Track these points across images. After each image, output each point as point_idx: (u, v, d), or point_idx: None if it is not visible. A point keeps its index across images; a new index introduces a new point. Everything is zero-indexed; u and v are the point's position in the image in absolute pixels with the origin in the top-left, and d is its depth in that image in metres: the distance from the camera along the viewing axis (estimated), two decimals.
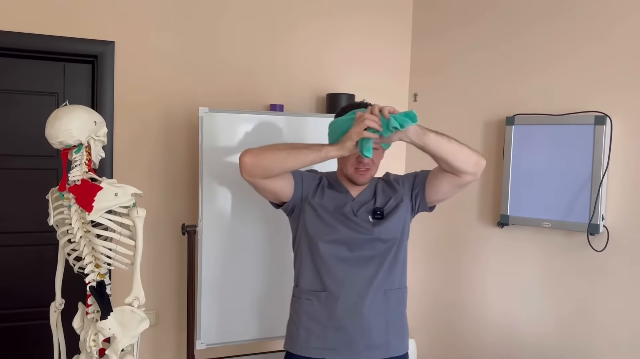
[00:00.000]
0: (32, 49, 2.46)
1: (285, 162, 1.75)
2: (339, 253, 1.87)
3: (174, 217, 2.69)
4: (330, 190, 1.94)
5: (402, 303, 1.97)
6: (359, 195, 1.94)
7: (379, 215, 1.89)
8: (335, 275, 1.86)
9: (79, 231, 1.73)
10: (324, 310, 1.87)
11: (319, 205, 1.90)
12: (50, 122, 1.72)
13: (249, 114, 2.51)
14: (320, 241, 1.88)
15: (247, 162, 1.76)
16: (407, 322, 2.00)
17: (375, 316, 1.87)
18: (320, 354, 1.88)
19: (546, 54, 2.54)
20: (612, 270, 2.30)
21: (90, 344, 1.76)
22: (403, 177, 1.99)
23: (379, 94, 3.12)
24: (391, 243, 1.90)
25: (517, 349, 2.64)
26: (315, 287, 1.90)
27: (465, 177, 1.78)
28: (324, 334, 1.87)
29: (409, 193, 1.93)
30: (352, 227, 1.87)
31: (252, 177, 1.79)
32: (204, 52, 2.73)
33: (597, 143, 2.31)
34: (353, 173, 1.88)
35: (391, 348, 1.90)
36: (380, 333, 1.88)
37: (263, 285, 2.53)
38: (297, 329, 1.92)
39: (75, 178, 1.73)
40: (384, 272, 1.88)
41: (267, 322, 2.54)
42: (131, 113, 2.60)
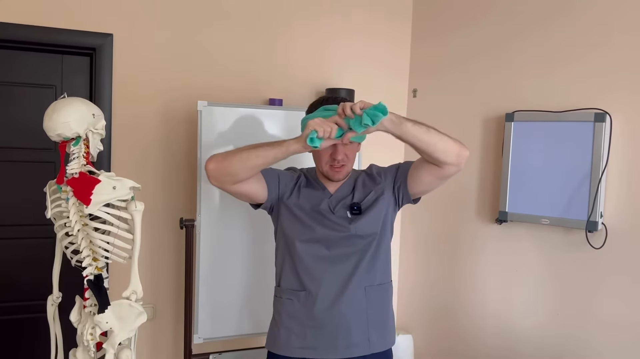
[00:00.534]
0: (30, 40, 2.45)
1: (247, 162, 1.70)
2: (317, 252, 1.85)
3: (172, 211, 2.68)
4: (307, 188, 1.92)
5: (385, 299, 1.93)
6: (337, 190, 1.91)
7: (357, 210, 1.86)
8: (313, 273, 1.85)
9: (76, 225, 1.72)
10: (304, 309, 1.86)
11: (295, 204, 1.89)
12: (49, 114, 1.71)
13: (248, 108, 2.50)
14: (297, 240, 1.86)
15: (211, 168, 1.74)
16: (393, 318, 1.98)
17: (354, 314, 1.85)
18: (301, 354, 1.86)
19: (546, 50, 2.53)
20: (610, 267, 2.30)
21: (87, 337, 1.76)
22: (386, 169, 1.96)
23: (378, 90, 3.12)
24: (370, 238, 1.86)
25: (514, 345, 2.65)
26: (294, 286, 1.89)
27: (447, 168, 1.72)
28: (303, 333, 1.86)
29: (390, 186, 1.90)
30: (328, 226, 1.85)
31: (220, 184, 1.77)
32: (203, 46, 2.72)
33: (597, 140, 2.30)
34: (328, 171, 1.86)
35: (372, 345, 1.87)
36: (360, 330, 1.85)
37: (261, 280, 2.53)
38: (278, 329, 1.92)
39: (73, 171, 1.72)
40: (363, 268, 1.85)
41: (265, 316, 2.51)
42: (129, 106, 2.59)
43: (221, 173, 1.73)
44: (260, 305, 2.53)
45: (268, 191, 1.88)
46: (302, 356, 1.86)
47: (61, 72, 2.60)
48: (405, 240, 3.22)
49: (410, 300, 3.21)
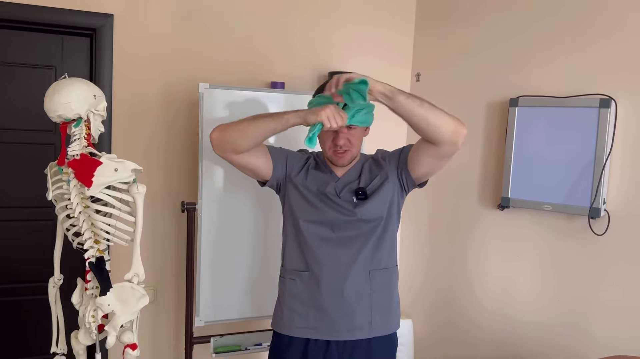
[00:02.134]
0: (29, 20, 2.41)
1: (247, 131, 1.74)
2: (322, 234, 1.86)
3: (173, 194, 2.67)
4: (316, 170, 1.93)
5: (389, 283, 1.93)
6: (344, 175, 1.91)
7: (362, 195, 1.85)
8: (317, 255, 1.85)
9: (78, 207, 1.71)
10: (307, 290, 1.87)
11: (302, 185, 1.90)
12: (49, 95, 1.69)
13: (250, 91, 2.47)
14: (303, 220, 1.87)
15: (214, 136, 1.79)
16: (398, 302, 1.97)
17: (357, 297, 1.85)
18: (303, 334, 1.88)
19: (551, 36, 2.50)
20: (613, 254, 2.29)
21: (89, 320, 1.75)
22: (391, 153, 1.93)
23: (382, 73, 3.07)
24: (375, 223, 1.86)
25: (515, 331, 2.66)
26: (298, 267, 1.90)
27: (443, 146, 1.68)
28: (306, 313, 1.87)
29: (395, 171, 1.88)
30: (334, 208, 1.86)
31: (223, 152, 1.81)
32: (205, 28, 2.68)
33: (602, 126, 2.29)
34: (332, 156, 1.86)
35: (374, 329, 1.87)
36: (363, 313, 1.86)
37: (261, 264, 2.53)
38: (281, 309, 1.93)
39: (74, 153, 1.70)
40: (367, 252, 1.85)
41: (265, 300, 2.53)
42: (130, 88, 2.56)
43: (223, 141, 1.78)
44: (262, 288, 2.53)
45: (273, 167, 1.89)
46: (304, 336, 1.87)
47: (61, 52, 2.57)
48: (407, 225, 3.22)
49: (411, 285, 3.21)
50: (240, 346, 2.51)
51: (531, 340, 2.58)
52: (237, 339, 2.52)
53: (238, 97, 2.43)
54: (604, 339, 2.31)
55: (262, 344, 2.54)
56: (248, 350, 2.53)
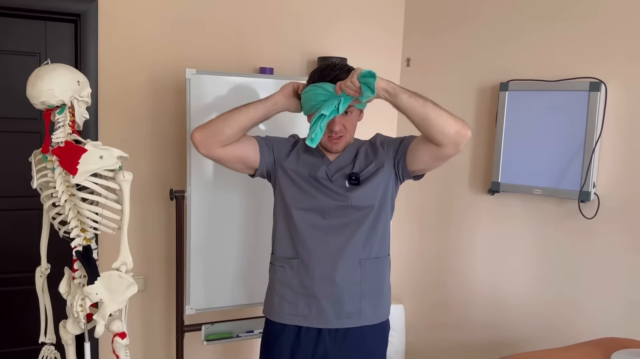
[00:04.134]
0: (11, 6, 2.36)
1: (231, 119, 1.77)
2: (312, 221, 1.83)
3: (161, 182, 2.64)
4: (306, 154, 1.90)
5: (381, 272, 1.90)
6: (336, 159, 1.88)
7: (355, 180, 1.82)
8: (307, 242, 1.83)
9: (63, 195, 1.68)
10: (296, 277, 1.86)
11: (292, 170, 1.87)
12: (32, 81, 1.65)
13: (238, 77, 2.44)
14: (294, 208, 1.85)
15: (196, 135, 1.79)
16: (389, 291, 1.95)
17: (347, 285, 1.83)
18: (292, 321, 1.87)
19: (542, 19, 2.49)
20: (602, 236, 2.30)
21: (77, 309, 1.74)
22: (390, 141, 1.90)
23: (372, 59, 3.06)
24: (367, 210, 1.83)
25: (505, 314, 2.67)
26: (288, 254, 1.88)
27: (445, 147, 1.66)
28: (295, 301, 1.86)
29: (391, 160, 1.85)
30: (325, 193, 1.83)
31: (209, 150, 1.80)
32: (191, 12, 2.64)
33: (591, 110, 2.28)
34: (326, 142, 1.84)
35: (364, 317, 1.86)
36: (353, 301, 1.84)
37: (252, 250, 2.52)
38: (271, 296, 1.93)
39: (58, 140, 1.67)
40: (358, 241, 1.82)
41: (256, 287, 2.53)
42: (116, 75, 2.52)
43: (206, 136, 1.78)
44: (252, 275, 2.52)
45: (260, 153, 1.87)
46: (294, 323, 1.86)
47: (45, 39, 2.52)
48: (398, 210, 3.18)
49: (401, 270, 3.21)
50: (231, 333, 2.50)
51: (522, 323, 2.60)
52: (228, 327, 2.51)
53: (226, 82, 2.40)
54: (593, 322, 2.33)
55: (253, 331, 2.54)
56: (240, 337, 2.52)
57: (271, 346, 1.91)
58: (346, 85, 1.65)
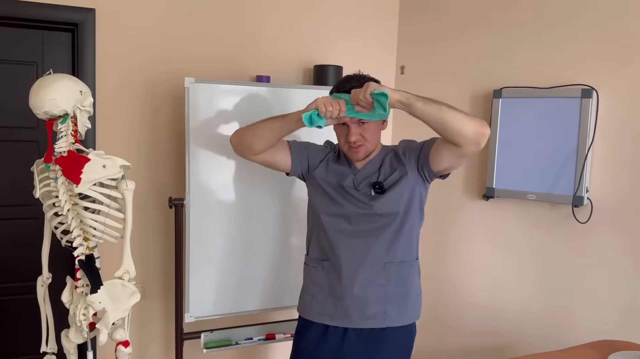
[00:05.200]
0: (9, 15, 2.36)
1: (259, 134, 1.88)
2: (340, 226, 1.92)
3: (160, 190, 2.64)
4: (335, 163, 1.99)
5: (407, 276, 1.95)
6: (364, 167, 1.94)
7: (379, 189, 1.89)
8: (335, 246, 1.92)
9: (66, 204, 1.69)
10: (326, 278, 1.95)
11: (322, 178, 1.97)
12: (35, 92, 1.66)
13: (235, 85, 2.46)
14: (323, 213, 1.95)
15: (233, 141, 1.96)
16: (417, 294, 2.00)
17: (372, 288, 1.90)
18: (319, 319, 1.96)
19: (534, 27, 2.54)
20: (596, 240, 2.34)
21: (80, 318, 1.74)
22: (412, 147, 1.93)
23: (367, 66, 3.07)
24: (391, 218, 1.89)
25: (500, 318, 2.70)
26: (320, 256, 1.98)
27: (466, 147, 1.69)
28: (323, 300, 1.96)
29: (415, 166, 1.89)
30: (352, 201, 1.91)
31: (242, 154, 1.96)
32: (188, 22, 2.65)
33: (584, 116, 2.33)
34: (347, 151, 1.91)
35: (387, 318, 1.91)
36: (377, 303, 1.90)
37: (251, 258, 2.52)
38: (304, 294, 2.04)
39: (61, 150, 1.68)
40: (382, 246, 1.89)
41: (257, 294, 2.54)
42: (113, 83, 2.53)
43: (240, 145, 1.94)
44: (251, 283, 2.53)
45: (292, 163, 1.98)
46: (320, 321, 1.96)
47: (42, 48, 2.52)
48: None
49: None
50: (231, 340, 2.51)
51: (516, 327, 2.63)
52: (227, 334, 2.51)
53: (223, 91, 2.42)
54: (587, 325, 2.36)
55: (253, 339, 2.55)
56: (239, 344, 2.53)
57: (301, 339, 2.01)
58: (359, 99, 1.69)
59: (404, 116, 1.81)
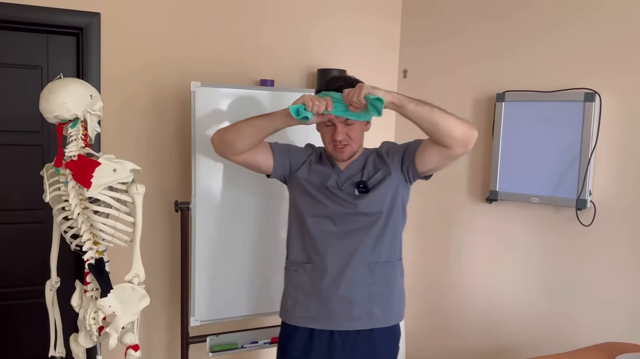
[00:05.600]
0: (14, 19, 2.36)
1: (241, 132, 1.85)
2: (324, 227, 1.91)
3: (166, 194, 2.64)
4: (318, 164, 1.98)
5: (391, 276, 1.96)
6: (346, 168, 1.95)
7: (363, 188, 1.89)
8: (319, 247, 1.91)
9: (76, 208, 1.69)
10: (309, 281, 1.93)
11: (305, 179, 1.95)
12: (45, 96, 1.67)
13: (241, 89, 2.47)
14: (307, 215, 1.93)
15: (214, 140, 1.92)
16: (401, 295, 2.01)
17: (357, 288, 1.89)
18: (304, 323, 1.94)
19: (537, 30, 2.56)
20: (599, 243, 2.36)
21: (90, 322, 1.74)
22: (395, 148, 1.96)
23: (369, 70, 3.11)
24: (375, 217, 1.90)
25: (504, 321, 2.71)
26: (301, 259, 1.96)
27: (454, 149, 1.74)
28: (307, 304, 1.93)
29: (398, 166, 1.91)
30: (335, 201, 1.90)
31: (223, 154, 1.93)
32: (193, 26, 2.66)
33: (587, 119, 2.35)
34: (332, 150, 1.91)
35: (373, 320, 1.91)
36: (362, 304, 1.90)
37: (257, 262, 2.53)
38: (286, 299, 2.02)
39: (71, 154, 1.69)
40: (367, 245, 1.89)
41: (261, 298, 2.54)
42: (119, 88, 2.53)
43: (221, 144, 1.89)
44: (257, 286, 2.53)
45: (274, 164, 1.96)
46: (306, 325, 1.93)
47: (47, 52, 2.52)
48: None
49: None
50: (236, 344, 2.51)
51: (521, 330, 2.64)
52: (233, 338, 2.51)
53: (229, 94, 2.43)
54: (592, 328, 2.37)
55: (258, 342, 2.55)
56: (244, 348, 2.53)
57: (285, 347, 1.98)
58: (352, 100, 1.70)
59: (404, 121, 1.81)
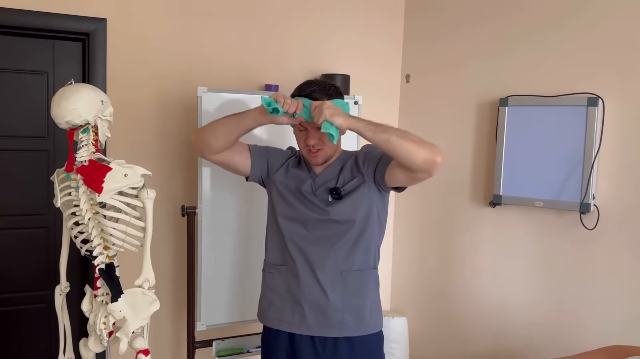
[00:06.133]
0: (20, 25, 2.37)
1: (216, 131, 1.87)
2: (297, 231, 1.91)
3: (172, 198, 2.65)
4: (295, 168, 1.98)
5: (363, 285, 1.93)
6: (322, 172, 1.94)
7: (336, 194, 1.88)
8: (292, 251, 1.91)
9: (87, 213, 1.70)
10: (283, 284, 1.94)
11: (280, 182, 1.96)
12: (57, 102, 1.67)
13: (247, 94, 2.48)
14: (280, 216, 1.94)
15: (192, 140, 1.96)
16: (375, 304, 1.97)
17: (329, 295, 1.88)
18: (276, 325, 1.94)
19: (540, 35, 2.58)
20: (603, 247, 2.37)
21: (100, 327, 1.74)
22: (371, 156, 1.92)
23: (372, 75, 3.13)
24: (348, 225, 1.88)
25: (508, 325, 2.72)
26: (276, 261, 1.97)
27: (416, 174, 1.72)
28: (281, 306, 1.94)
29: (371, 176, 1.89)
30: (308, 206, 1.90)
31: (201, 153, 1.95)
32: (198, 31, 2.68)
33: (590, 124, 2.37)
34: (306, 154, 1.92)
35: (345, 328, 1.89)
36: (334, 312, 1.88)
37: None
38: (262, 300, 2.03)
39: (82, 159, 1.69)
40: (339, 253, 1.88)
41: None
42: (125, 93, 2.54)
43: (198, 143, 1.92)
44: None
45: (251, 165, 1.97)
46: (278, 327, 1.94)
47: (52, 58, 2.53)
48: (400, 223, 3.27)
49: (404, 283, 3.26)
50: (242, 348, 2.51)
51: (525, 334, 2.65)
52: (239, 342, 2.52)
53: (234, 100, 2.44)
54: (596, 332, 2.38)
55: None
56: (250, 353, 2.53)
57: (268, 350, 1.99)
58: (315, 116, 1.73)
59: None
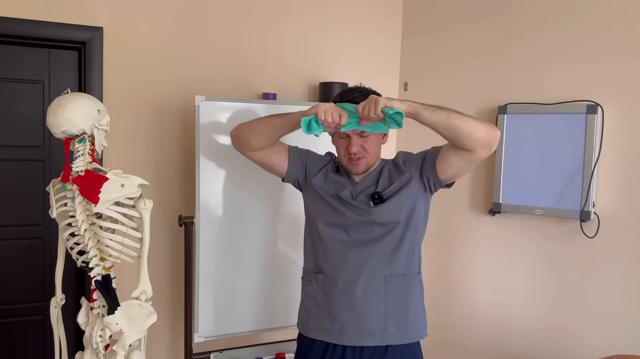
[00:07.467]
0: (15, 34, 2.35)
1: (257, 129, 1.87)
2: (337, 236, 1.86)
3: (169, 208, 2.62)
4: (335, 174, 1.94)
5: (407, 291, 1.87)
6: (362, 180, 1.90)
7: (378, 199, 1.84)
8: (331, 257, 1.86)
9: (83, 224, 1.67)
10: (321, 292, 1.89)
11: (319, 187, 1.92)
12: (53, 111, 1.65)
13: (245, 103, 2.46)
14: (319, 221, 1.90)
15: (232, 134, 1.96)
16: (421, 312, 1.92)
17: (371, 302, 1.82)
18: (316, 336, 1.89)
19: (539, 42, 2.58)
20: (604, 255, 2.36)
21: (96, 340, 1.71)
22: (412, 157, 1.90)
23: (371, 83, 3.10)
24: (391, 227, 1.83)
25: (508, 334, 2.70)
26: (313, 269, 1.93)
27: (478, 151, 1.68)
28: (320, 315, 1.89)
29: (417, 175, 1.85)
30: (350, 209, 1.85)
31: (239, 149, 1.96)
32: (196, 40, 2.66)
33: (589, 131, 2.36)
34: (347, 163, 1.87)
35: (388, 336, 1.83)
36: (376, 319, 1.82)
37: (261, 277, 2.51)
38: (301, 309, 1.98)
39: (78, 169, 1.67)
40: (382, 257, 1.83)
41: (266, 314, 2.52)
42: (121, 102, 2.52)
43: (237, 138, 1.93)
44: (261, 302, 2.51)
45: (288, 166, 1.95)
46: (318, 337, 1.88)
47: (48, 67, 2.51)
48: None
49: None
50: None
51: (525, 343, 2.63)
52: (237, 354, 2.48)
53: (231, 108, 2.42)
54: (596, 341, 2.36)
55: (262, 358, 2.52)
56: None
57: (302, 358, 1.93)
58: (370, 116, 1.67)
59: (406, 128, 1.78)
